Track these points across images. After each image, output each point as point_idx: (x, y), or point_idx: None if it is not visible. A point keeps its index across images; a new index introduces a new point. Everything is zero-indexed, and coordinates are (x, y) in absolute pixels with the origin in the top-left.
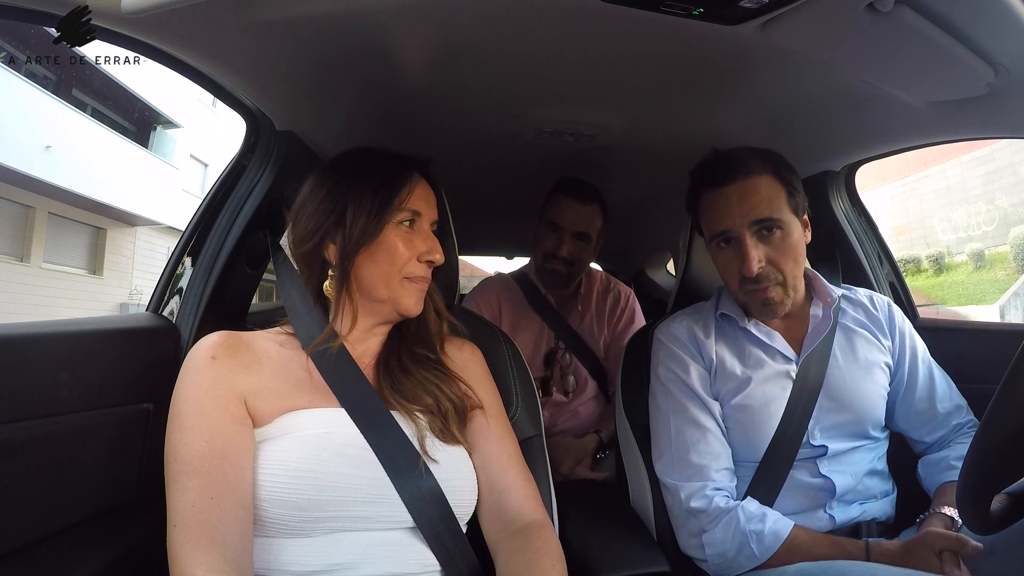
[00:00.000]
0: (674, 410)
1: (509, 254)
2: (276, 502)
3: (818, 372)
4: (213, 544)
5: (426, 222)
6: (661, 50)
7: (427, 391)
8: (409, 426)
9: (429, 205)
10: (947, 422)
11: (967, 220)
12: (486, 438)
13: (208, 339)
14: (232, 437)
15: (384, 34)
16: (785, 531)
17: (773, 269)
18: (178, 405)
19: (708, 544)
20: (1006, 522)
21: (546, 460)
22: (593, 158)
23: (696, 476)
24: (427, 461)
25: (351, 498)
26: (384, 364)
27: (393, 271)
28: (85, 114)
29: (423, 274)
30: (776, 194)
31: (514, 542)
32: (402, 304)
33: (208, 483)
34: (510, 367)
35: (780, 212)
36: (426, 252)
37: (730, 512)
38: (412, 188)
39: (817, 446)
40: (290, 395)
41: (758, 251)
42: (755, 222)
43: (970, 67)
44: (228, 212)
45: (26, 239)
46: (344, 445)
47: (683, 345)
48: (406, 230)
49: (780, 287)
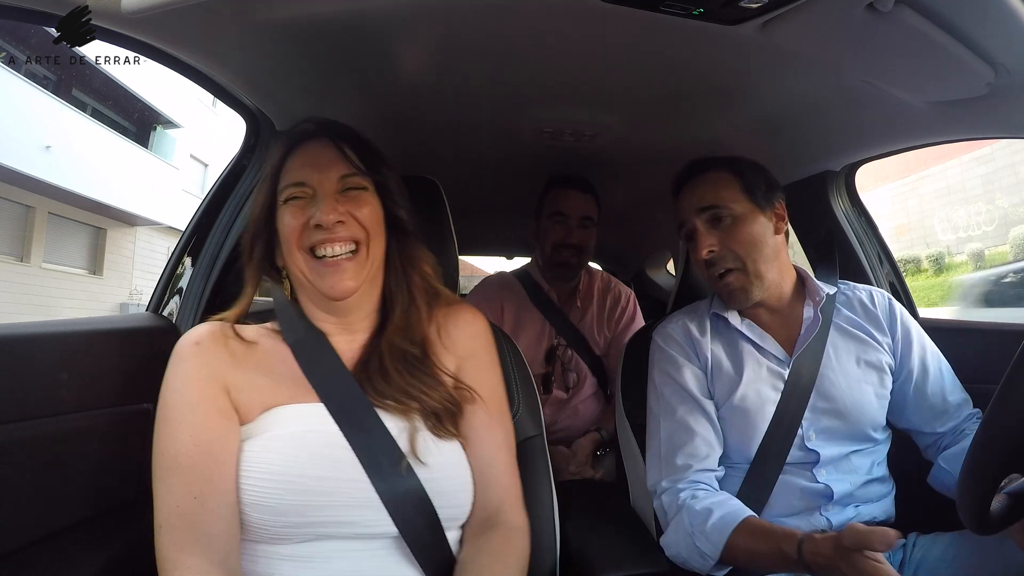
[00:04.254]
0: (665, 413)
1: (509, 254)
2: (256, 506)
3: (810, 373)
4: (198, 546)
5: (326, 186)
6: (661, 50)
7: (409, 394)
8: (399, 423)
9: (317, 167)
10: (959, 412)
11: (967, 220)
12: (477, 429)
13: (194, 329)
14: (217, 432)
15: (384, 35)
16: (730, 526)
17: (730, 254)
18: (165, 396)
19: (665, 546)
20: (1006, 522)
21: (547, 460)
22: (593, 158)
23: (674, 475)
24: (413, 462)
25: (332, 503)
26: (366, 360)
27: (291, 248)
28: (85, 114)
29: (320, 239)
30: (726, 184)
31: (481, 538)
32: (323, 286)
33: (191, 481)
34: (511, 367)
35: (729, 200)
36: (311, 216)
37: (681, 512)
38: (289, 163)
39: (811, 450)
40: (273, 390)
41: (710, 237)
42: (701, 209)
43: (970, 67)
44: (228, 212)
45: (26, 239)
46: (324, 445)
47: (678, 346)
48: (295, 204)
49: (740, 273)
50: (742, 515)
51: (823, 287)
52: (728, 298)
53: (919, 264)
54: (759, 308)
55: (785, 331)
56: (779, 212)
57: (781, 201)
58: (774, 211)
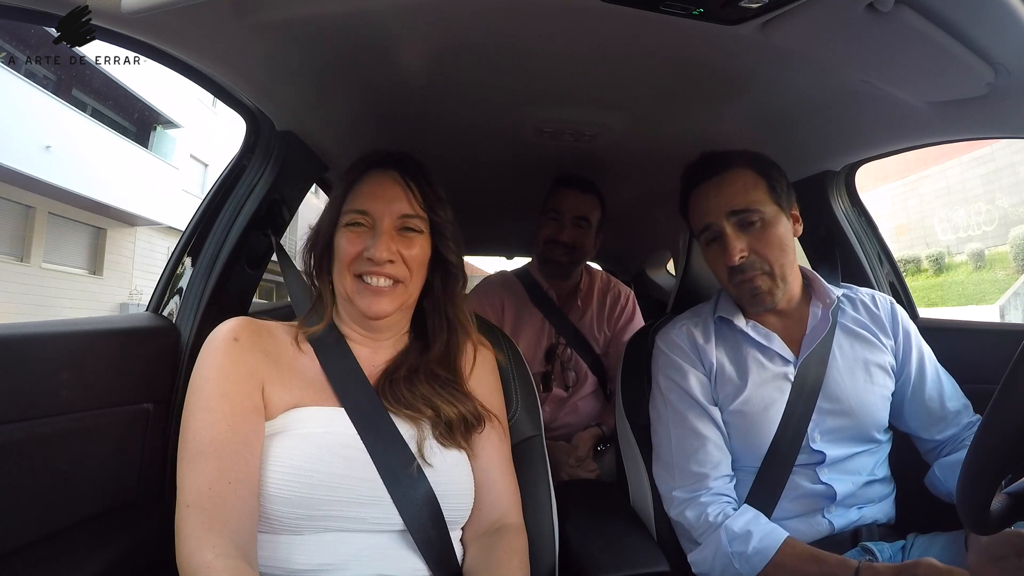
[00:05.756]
0: (674, 420)
1: (509, 254)
2: (270, 498)
3: (817, 374)
4: (227, 529)
5: (386, 220)
6: (661, 50)
7: (429, 403)
8: (410, 430)
9: (386, 201)
10: (957, 420)
11: (967, 220)
12: (483, 444)
13: (230, 322)
14: (251, 424)
15: (384, 34)
16: (772, 549)
17: (758, 258)
18: (199, 384)
19: (694, 564)
20: (1006, 522)
21: (546, 460)
22: (593, 158)
23: (694, 485)
24: (423, 466)
25: (343, 498)
26: (393, 370)
27: (343, 270)
28: (85, 114)
29: (369, 270)
30: (754, 186)
31: (487, 539)
32: (361, 306)
33: (228, 467)
34: (510, 367)
35: (759, 203)
36: (365, 248)
37: (716, 531)
38: (352, 188)
39: (816, 451)
40: (298, 391)
41: (740, 241)
42: (733, 212)
43: (970, 67)
44: (228, 212)
45: (26, 239)
46: (341, 446)
47: (683, 352)
48: (354, 230)
49: (767, 276)
50: (781, 537)
51: (833, 289)
52: (752, 301)
53: (919, 264)
54: (767, 310)
55: (791, 332)
56: (795, 213)
57: (794, 201)
58: (791, 212)
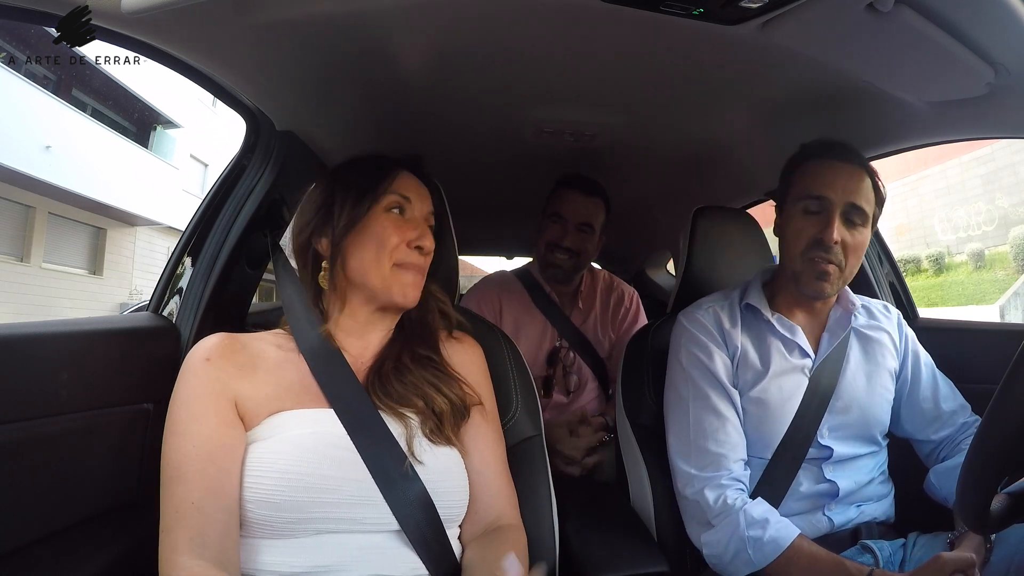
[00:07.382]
0: (694, 397)
1: (509, 254)
2: (260, 503)
3: (832, 372)
4: (192, 546)
5: (418, 211)
6: (661, 50)
7: (420, 392)
8: (399, 428)
9: (419, 196)
10: (953, 420)
11: (967, 220)
12: (474, 437)
13: (205, 341)
14: (221, 440)
15: (384, 34)
16: (786, 541)
17: (841, 252)
18: (173, 409)
19: (706, 544)
20: (1006, 522)
21: (546, 460)
22: (593, 158)
23: (712, 465)
24: (415, 464)
25: (334, 500)
26: (380, 364)
27: (383, 256)
28: (85, 114)
29: (415, 261)
30: (871, 196)
31: (485, 538)
32: (395, 293)
33: (190, 488)
34: (510, 367)
35: (868, 205)
36: (415, 238)
37: (734, 514)
38: (396, 176)
39: (824, 446)
40: (280, 396)
41: (840, 230)
42: (851, 205)
43: (970, 67)
44: (228, 212)
45: (26, 239)
46: (329, 446)
47: (708, 332)
48: (396, 216)
49: (838, 269)
50: (795, 532)
51: (855, 297)
52: (813, 281)
53: (919, 264)
54: (795, 305)
55: (813, 328)
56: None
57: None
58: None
